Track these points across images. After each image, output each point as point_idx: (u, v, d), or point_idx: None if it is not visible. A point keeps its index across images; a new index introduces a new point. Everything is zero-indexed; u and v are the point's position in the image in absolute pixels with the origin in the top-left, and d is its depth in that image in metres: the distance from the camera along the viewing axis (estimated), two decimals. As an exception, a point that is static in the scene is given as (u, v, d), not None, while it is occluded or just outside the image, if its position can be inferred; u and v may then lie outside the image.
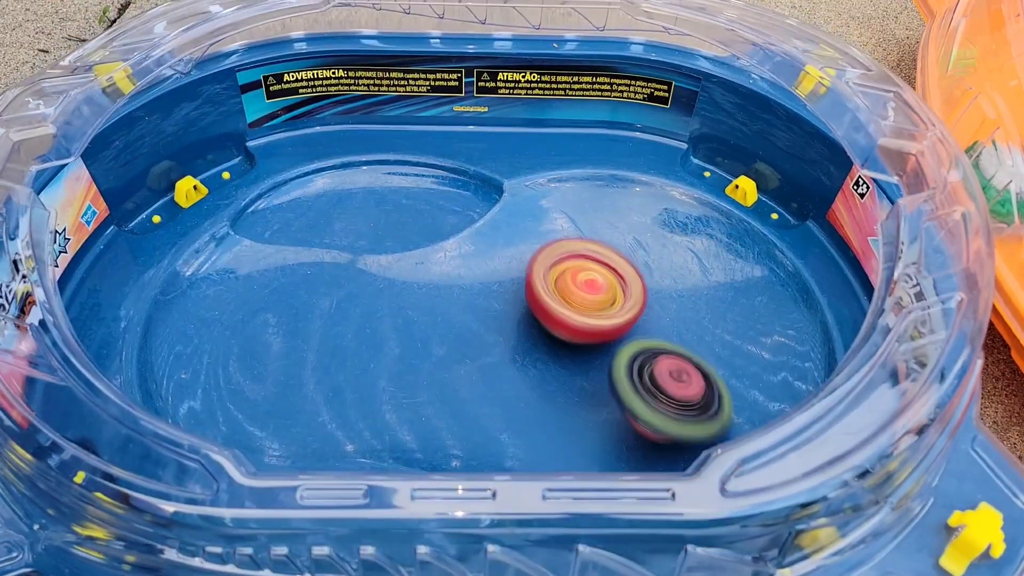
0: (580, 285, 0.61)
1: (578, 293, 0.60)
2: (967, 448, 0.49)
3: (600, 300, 0.61)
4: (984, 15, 0.79)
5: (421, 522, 0.41)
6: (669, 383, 0.55)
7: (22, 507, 0.46)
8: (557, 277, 0.62)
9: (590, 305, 0.60)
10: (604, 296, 0.61)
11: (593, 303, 0.60)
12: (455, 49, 0.72)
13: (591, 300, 0.60)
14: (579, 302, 0.60)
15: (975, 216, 0.53)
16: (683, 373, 0.56)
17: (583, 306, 0.60)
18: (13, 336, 0.47)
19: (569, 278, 0.61)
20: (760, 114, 0.70)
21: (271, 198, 0.71)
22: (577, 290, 0.60)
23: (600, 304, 0.61)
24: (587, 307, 0.60)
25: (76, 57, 0.62)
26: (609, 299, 0.61)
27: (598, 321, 0.60)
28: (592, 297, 0.60)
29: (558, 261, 0.63)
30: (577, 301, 0.60)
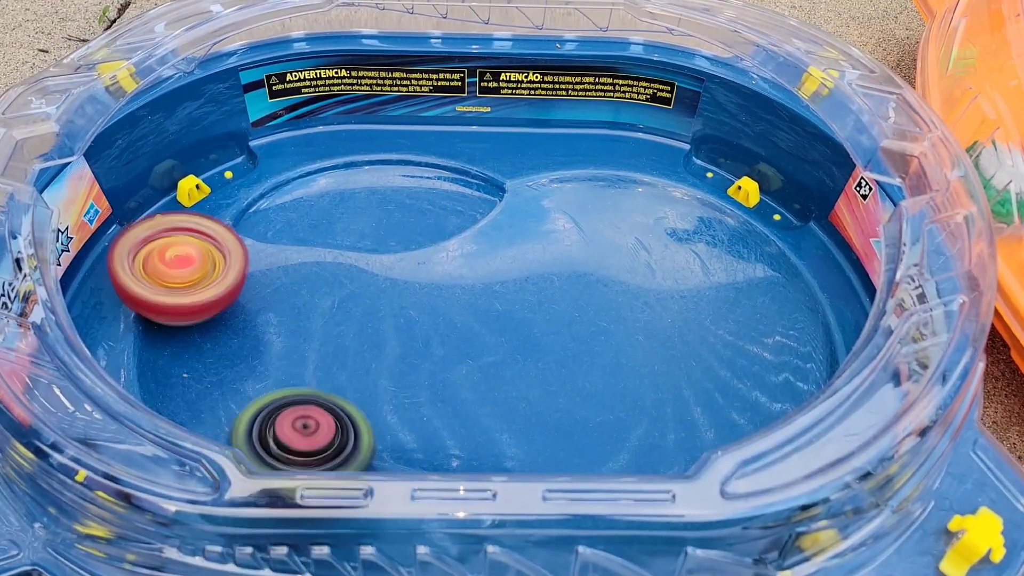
0: (169, 261, 0.59)
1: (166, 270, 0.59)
2: (968, 451, 0.49)
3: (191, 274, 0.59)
4: (984, 15, 0.79)
5: (421, 522, 0.41)
6: (297, 439, 0.52)
7: (23, 505, 0.46)
8: (146, 256, 0.60)
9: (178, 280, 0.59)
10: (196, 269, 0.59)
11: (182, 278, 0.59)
12: (458, 49, 0.72)
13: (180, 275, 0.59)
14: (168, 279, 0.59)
15: (977, 218, 0.53)
16: (307, 420, 0.53)
17: (172, 282, 0.59)
18: (15, 334, 0.47)
19: (157, 255, 0.59)
20: (763, 115, 0.70)
21: (273, 198, 0.71)
22: (165, 267, 0.59)
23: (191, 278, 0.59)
24: (176, 282, 0.59)
25: (79, 56, 0.62)
26: (203, 271, 0.60)
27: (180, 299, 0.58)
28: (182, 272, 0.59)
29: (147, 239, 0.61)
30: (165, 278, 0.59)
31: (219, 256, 0.61)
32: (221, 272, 0.60)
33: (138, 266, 0.59)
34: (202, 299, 0.59)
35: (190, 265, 0.59)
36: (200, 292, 0.59)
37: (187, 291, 0.59)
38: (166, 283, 0.59)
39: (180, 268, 0.59)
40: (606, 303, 0.65)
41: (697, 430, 0.58)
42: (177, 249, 0.60)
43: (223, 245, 0.61)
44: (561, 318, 0.64)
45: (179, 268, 0.59)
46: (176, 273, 0.59)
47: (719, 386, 0.60)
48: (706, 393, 0.60)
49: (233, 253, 0.61)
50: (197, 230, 0.61)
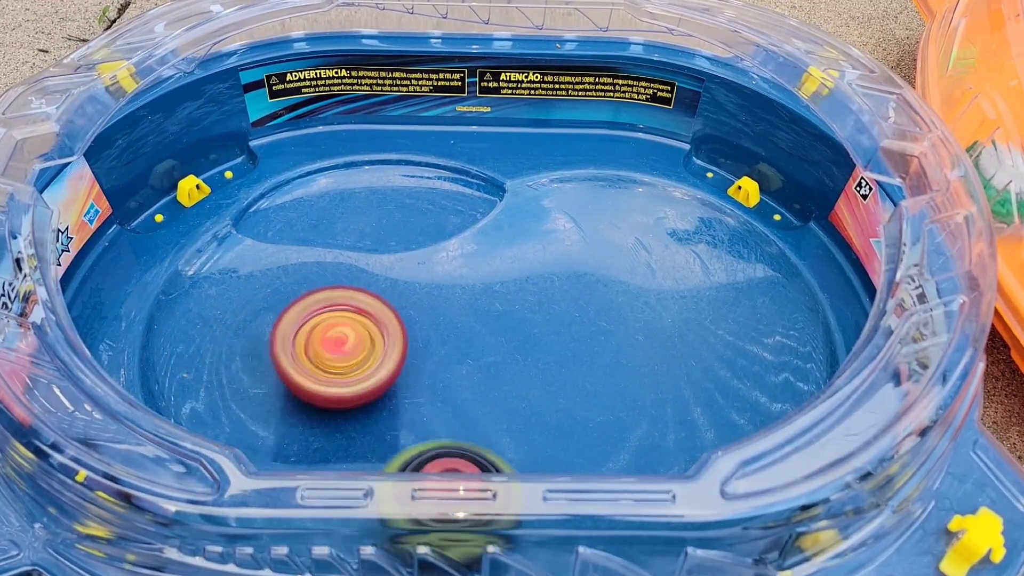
0: (327, 344, 0.57)
1: (325, 354, 0.57)
2: (968, 451, 0.49)
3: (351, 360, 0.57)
4: (984, 15, 0.79)
5: (421, 522, 0.41)
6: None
7: (23, 505, 0.46)
8: (306, 338, 0.58)
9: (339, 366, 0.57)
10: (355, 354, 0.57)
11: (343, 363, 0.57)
12: (458, 49, 0.72)
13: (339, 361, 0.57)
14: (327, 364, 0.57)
15: (977, 218, 0.53)
16: (454, 470, 0.52)
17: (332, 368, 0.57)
18: (15, 334, 0.47)
19: (318, 338, 0.58)
20: (763, 115, 0.70)
21: (273, 197, 0.71)
22: (324, 351, 0.57)
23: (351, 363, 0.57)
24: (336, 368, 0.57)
25: (79, 56, 0.62)
26: (363, 355, 0.57)
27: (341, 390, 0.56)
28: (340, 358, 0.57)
29: (306, 318, 0.59)
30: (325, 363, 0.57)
31: (378, 336, 0.58)
32: (380, 354, 0.58)
33: (299, 349, 0.57)
34: (361, 389, 0.57)
35: (348, 348, 0.57)
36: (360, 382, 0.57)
37: (347, 380, 0.57)
38: (326, 368, 0.57)
39: (339, 352, 0.57)
40: (606, 303, 0.65)
41: (697, 430, 0.58)
42: (336, 330, 0.58)
43: (382, 324, 0.59)
44: (561, 318, 0.64)
45: (338, 352, 0.57)
46: (336, 358, 0.57)
47: (719, 386, 0.60)
48: (706, 393, 0.60)
49: (392, 334, 0.58)
50: (355, 307, 0.59)
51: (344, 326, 0.58)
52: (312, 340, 0.58)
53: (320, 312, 0.59)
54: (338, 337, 0.58)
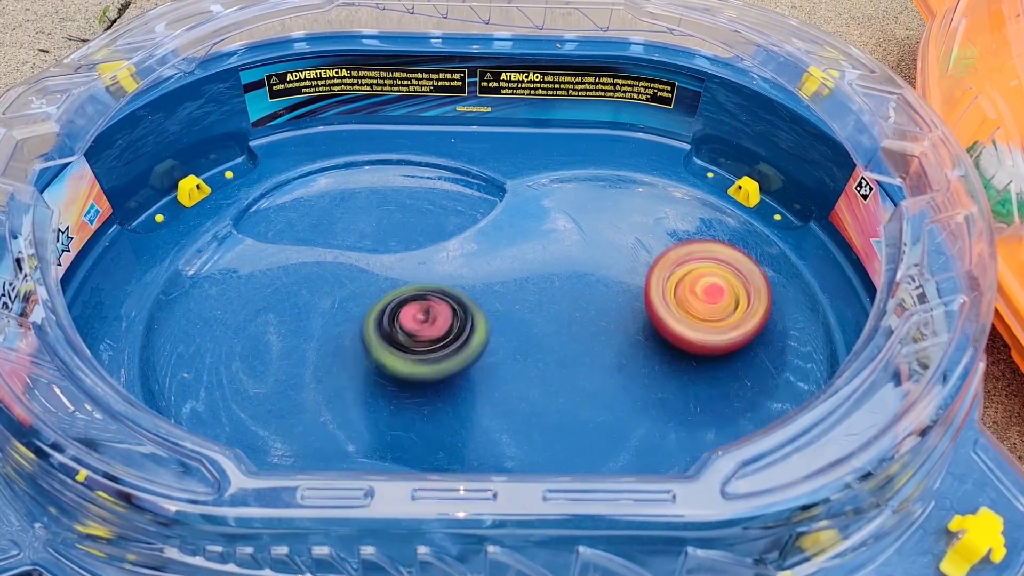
0: (701, 293, 0.61)
1: (697, 302, 0.60)
2: (969, 451, 0.49)
3: (720, 308, 0.61)
4: (984, 15, 0.79)
5: (422, 522, 0.41)
6: (417, 327, 0.58)
7: (24, 505, 0.46)
8: (677, 283, 0.62)
9: (709, 314, 0.60)
10: (725, 303, 0.61)
11: (713, 312, 0.60)
12: (458, 49, 0.72)
13: (711, 309, 0.60)
14: (698, 312, 0.60)
15: (978, 218, 0.53)
16: (428, 311, 0.58)
17: (702, 317, 0.60)
18: (16, 334, 0.47)
19: (688, 286, 0.61)
20: (763, 115, 0.70)
21: (274, 197, 0.71)
22: (696, 299, 0.61)
23: (720, 312, 0.61)
24: (706, 317, 0.60)
25: (79, 56, 0.62)
26: (730, 305, 0.61)
27: (715, 337, 0.59)
28: (712, 306, 0.61)
29: (679, 264, 0.62)
30: (696, 311, 0.60)
31: (743, 292, 0.61)
32: (745, 310, 0.61)
33: (670, 293, 0.61)
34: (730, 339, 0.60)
35: (720, 300, 0.61)
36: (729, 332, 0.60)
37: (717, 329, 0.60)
38: (696, 316, 0.60)
39: (711, 303, 0.61)
40: (606, 303, 0.65)
41: (697, 430, 0.58)
42: (707, 280, 0.61)
43: (749, 281, 0.62)
44: (561, 318, 0.64)
45: (711, 303, 0.61)
46: (707, 308, 0.61)
47: (719, 386, 0.60)
48: (706, 393, 0.60)
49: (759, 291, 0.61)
50: (726, 261, 0.63)
51: (715, 276, 0.62)
52: (683, 288, 0.61)
53: (690, 262, 0.62)
54: (711, 287, 0.61)
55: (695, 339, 0.59)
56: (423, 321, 0.58)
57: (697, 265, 0.62)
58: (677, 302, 0.61)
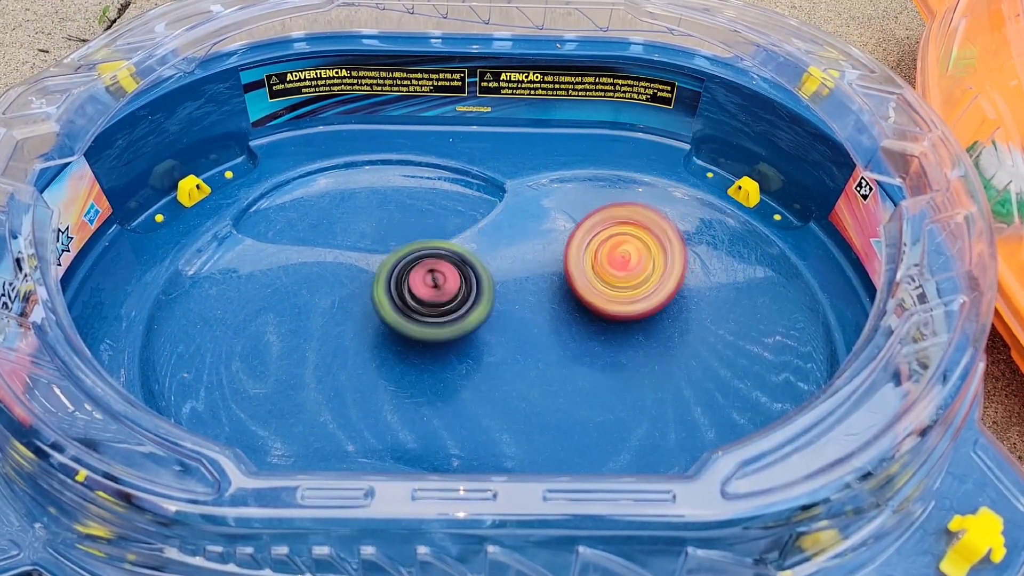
0: (614, 261, 0.62)
1: (611, 270, 0.62)
2: (968, 451, 0.49)
3: (634, 277, 0.62)
4: (984, 15, 0.79)
5: (422, 522, 0.41)
6: (425, 290, 0.59)
7: (24, 505, 0.46)
8: (595, 251, 0.63)
9: (623, 281, 0.61)
10: (638, 272, 0.62)
11: (626, 279, 0.62)
12: (458, 49, 0.72)
13: (624, 277, 0.62)
14: (613, 279, 0.62)
15: (977, 218, 0.53)
16: (436, 274, 0.59)
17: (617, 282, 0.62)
18: (16, 334, 0.47)
19: (605, 253, 0.62)
20: (763, 115, 0.70)
21: (274, 197, 0.71)
22: (611, 268, 0.62)
23: (634, 279, 0.62)
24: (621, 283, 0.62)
25: (79, 56, 0.62)
26: (644, 273, 0.62)
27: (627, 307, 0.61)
28: (625, 274, 0.62)
29: (597, 232, 0.63)
30: (611, 279, 0.62)
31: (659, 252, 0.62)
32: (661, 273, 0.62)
33: (588, 264, 0.63)
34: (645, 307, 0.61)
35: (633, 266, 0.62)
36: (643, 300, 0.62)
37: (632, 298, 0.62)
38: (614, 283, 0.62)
39: (624, 269, 0.62)
40: (606, 303, 0.65)
41: (697, 430, 0.58)
42: (622, 248, 0.62)
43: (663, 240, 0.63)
44: (561, 318, 0.64)
45: (623, 269, 0.62)
46: (621, 275, 0.62)
47: (719, 386, 0.60)
48: (706, 393, 0.60)
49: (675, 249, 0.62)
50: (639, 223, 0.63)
51: (627, 244, 0.62)
52: (600, 258, 0.62)
53: (605, 229, 0.63)
54: (623, 256, 0.62)
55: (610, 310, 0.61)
56: (433, 287, 0.59)
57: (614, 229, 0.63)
58: (594, 271, 0.62)
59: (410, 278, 0.59)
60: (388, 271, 0.60)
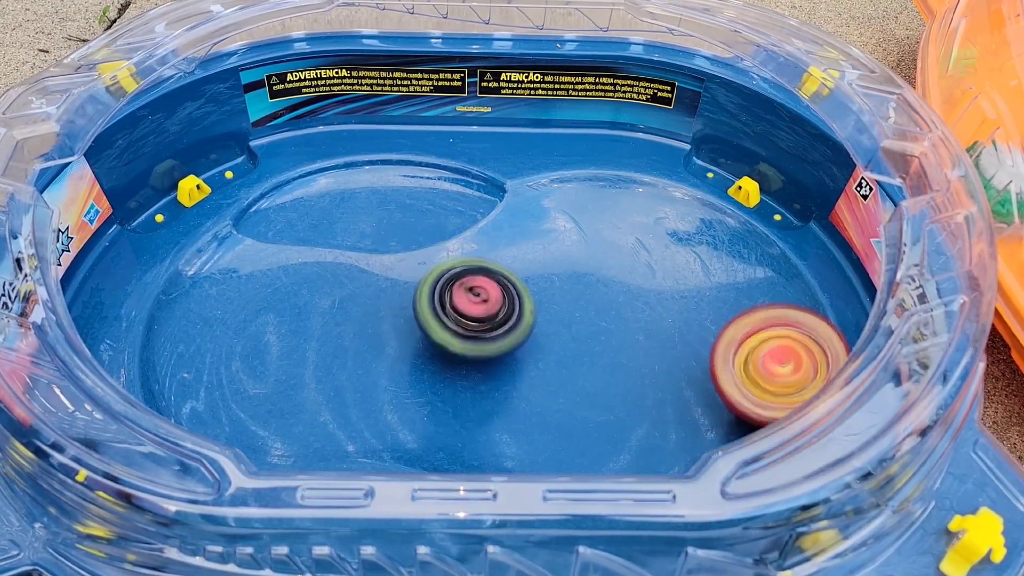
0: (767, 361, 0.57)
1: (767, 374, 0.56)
2: (969, 451, 0.49)
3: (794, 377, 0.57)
4: (984, 15, 0.79)
5: (422, 522, 0.41)
6: (467, 305, 0.59)
7: (24, 505, 0.46)
8: (747, 355, 0.58)
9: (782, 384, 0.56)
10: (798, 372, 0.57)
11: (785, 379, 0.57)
12: (458, 49, 0.72)
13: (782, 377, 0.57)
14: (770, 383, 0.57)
15: (978, 218, 0.53)
16: (479, 289, 0.59)
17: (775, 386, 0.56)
18: (15, 334, 0.47)
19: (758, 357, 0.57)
20: (763, 115, 0.70)
21: (274, 197, 0.71)
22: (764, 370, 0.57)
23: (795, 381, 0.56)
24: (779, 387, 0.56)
25: (79, 56, 0.62)
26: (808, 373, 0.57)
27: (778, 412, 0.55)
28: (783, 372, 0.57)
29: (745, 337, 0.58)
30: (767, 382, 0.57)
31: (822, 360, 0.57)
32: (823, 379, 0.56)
33: (739, 366, 0.57)
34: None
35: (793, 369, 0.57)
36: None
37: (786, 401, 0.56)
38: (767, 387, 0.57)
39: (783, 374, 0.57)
40: (606, 303, 0.65)
41: (698, 430, 0.58)
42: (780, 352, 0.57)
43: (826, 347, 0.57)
44: (561, 318, 0.64)
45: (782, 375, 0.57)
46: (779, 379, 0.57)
47: (719, 386, 0.60)
48: (707, 393, 0.60)
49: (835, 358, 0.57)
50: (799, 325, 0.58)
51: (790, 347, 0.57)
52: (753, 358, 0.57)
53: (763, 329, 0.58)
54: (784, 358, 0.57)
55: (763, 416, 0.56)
56: (482, 301, 0.59)
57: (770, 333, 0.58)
58: (747, 376, 0.57)
59: (454, 296, 0.59)
60: (429, 291, 0.59)
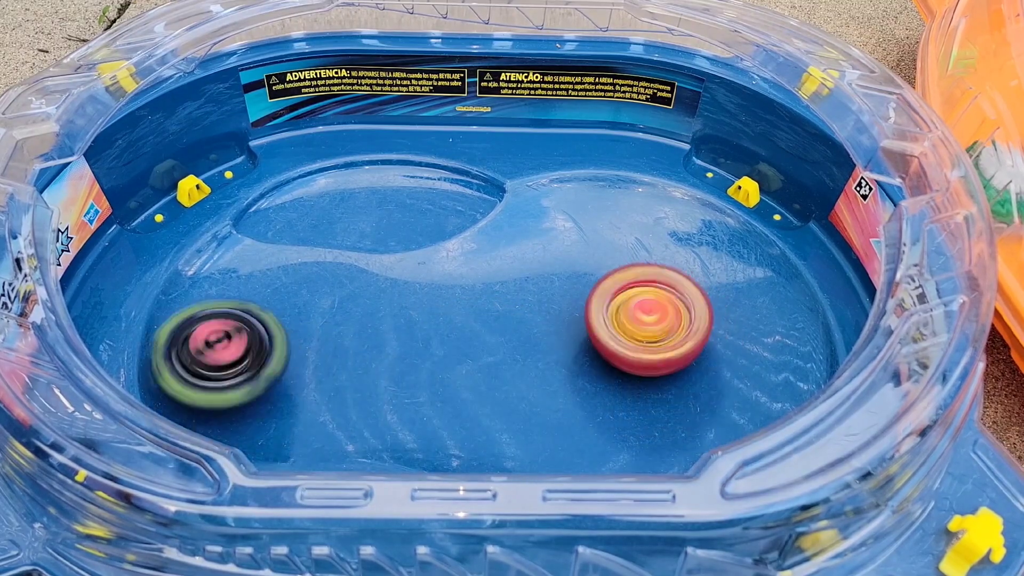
0: (636, 310, 0.60)
1: (635, 321, 0.59)
2: (968, 451, 0.49)
3: (660, 327, 0.59)
4: (984, 15, 0.79)
5: (421, 522, 0.41)
6: (208, 354, 0.56)
7: (23, 505, 0.46)
8: (618, 307, 0.61)
9: (648, 335, 0.59)
10: (664, 323, 0.59)
11: (652, 331, 0.59)
12: (458, 49, 0.72)
13: (649, 328, 0.59)
14: (637, 332, 0.59)
15: (977, 218, 0.53)
16: (220, 334, 0.56)
17: (641, 336, 0.59)
18: (15, 334, 0.47)
19: (627, 307, 0.60)
20: (763, 115, 0.70)
21: (273, 197, 0.71)
22: (633, 319, 0.59)
23: (660, 332, 0.59)
24: (645, 337, 0.59)
25: (79, 56, 0.62)
26: (669, 326, 0.60)
27: (654, 356, 0.58)
28: (651, 324, 0.59)
29: (618, 291, 0.61)
30: (635, 331, 0.59)
31: (684, 310, 0.60)
32: (686, 328, 0.60)
33: (611, 317, 0.60)
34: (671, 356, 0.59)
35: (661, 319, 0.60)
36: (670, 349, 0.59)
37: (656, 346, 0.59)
38: (637, 337, 0.59)
39: (650, 323, 0.59)
40: (606, 303, 0.65)
41: (697, 430, 0.58)
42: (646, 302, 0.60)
43: (687, 299, 0.61)
44: (561, 318, 0.64)
45: (649, 323, 0.59)
46: (646, 328, 0.59)
47: (719, 386, 0.60)
48: (706, 393, 0.60)
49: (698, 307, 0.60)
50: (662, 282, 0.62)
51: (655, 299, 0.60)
52: (623, 310, 0.60)
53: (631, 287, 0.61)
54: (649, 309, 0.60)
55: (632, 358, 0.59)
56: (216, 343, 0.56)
57: (638, 290, 0.61)
58: (618, 324, 0.60)
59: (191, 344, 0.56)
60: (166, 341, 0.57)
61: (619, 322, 0.60)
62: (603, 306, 0.61)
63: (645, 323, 0.59)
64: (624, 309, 0.60)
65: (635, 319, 0.60)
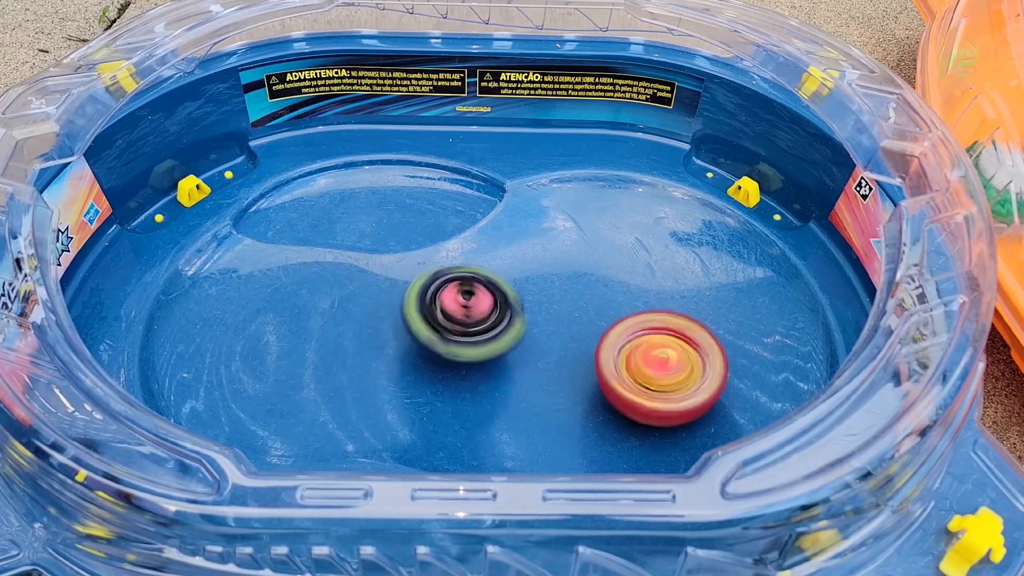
0: (652, 363, 0.57)
1: (651, 372, 0.57)
2: (968, 451, 0.49)
3: (676, 379, 0.57)
4: (984, 15, 0.79)
5: (421, 522, 0.41)
6: (456, 308, 0.58)
7: (24, 505, 0.46)
8: (628, 355, 0.58)
9: (664, 385, 0.57)
10: (680, 375, 0.57)
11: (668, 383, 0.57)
12: (458, 49, 0.72)
13: (665, 380, 0.57)
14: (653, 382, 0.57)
15: (977, 218, 0.53)
16: (468, 294, 0.59)
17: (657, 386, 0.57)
18: (15, 334, 0.47)
19: (641, 356, 0.58)
20: (763, 115, 0.70)
21: (273, 197, 0.71)
22: (649, 369, 0.57)
23: (676, 384, 0.57)
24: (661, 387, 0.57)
25: (79, 56, 0.62)
26: (685, 376, 0.57)
27: (670, 405, 0.56)
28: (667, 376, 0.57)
29: (630, 339, 0.59)
30: (650, 381, 0.57)
31: (697, 360, 0.58)
32: (699, 378, 0.57)
33: (622, 364, 0.58)
34: (685, 407, 0.56)
35: (672, 369, 0.57)
36: (684, 399, 0.57)
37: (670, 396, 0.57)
38: (650, 385, 0.57)
39: (663, 372, 0.57)
40: (606, 303, 0.65)
41: (698, 430, 0.58)
42: (660, 352, 0.58)
43: (702, 349, 0.59)
44: (561, 318, 0.64)
45: (662, 371, 0.57)
46: (659, 376, 0.57)
47: (719, 386, 0.60)
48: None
49: (712, 358, 0.58)
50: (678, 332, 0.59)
51: (667, 347, 0.58)
52: (635, 359, 0.58)
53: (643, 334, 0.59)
54: (662, 358, 0.58)
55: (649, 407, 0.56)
56: (464, 306, 0.58)
57: (649, 337, 0.59)
58: (630, 373, 0.57)
59: (442, 297, 0.59)
60: (419, 290, 0.59)
61: (633, 369, 0.57)
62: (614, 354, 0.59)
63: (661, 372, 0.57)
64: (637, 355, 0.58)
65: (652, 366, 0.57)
